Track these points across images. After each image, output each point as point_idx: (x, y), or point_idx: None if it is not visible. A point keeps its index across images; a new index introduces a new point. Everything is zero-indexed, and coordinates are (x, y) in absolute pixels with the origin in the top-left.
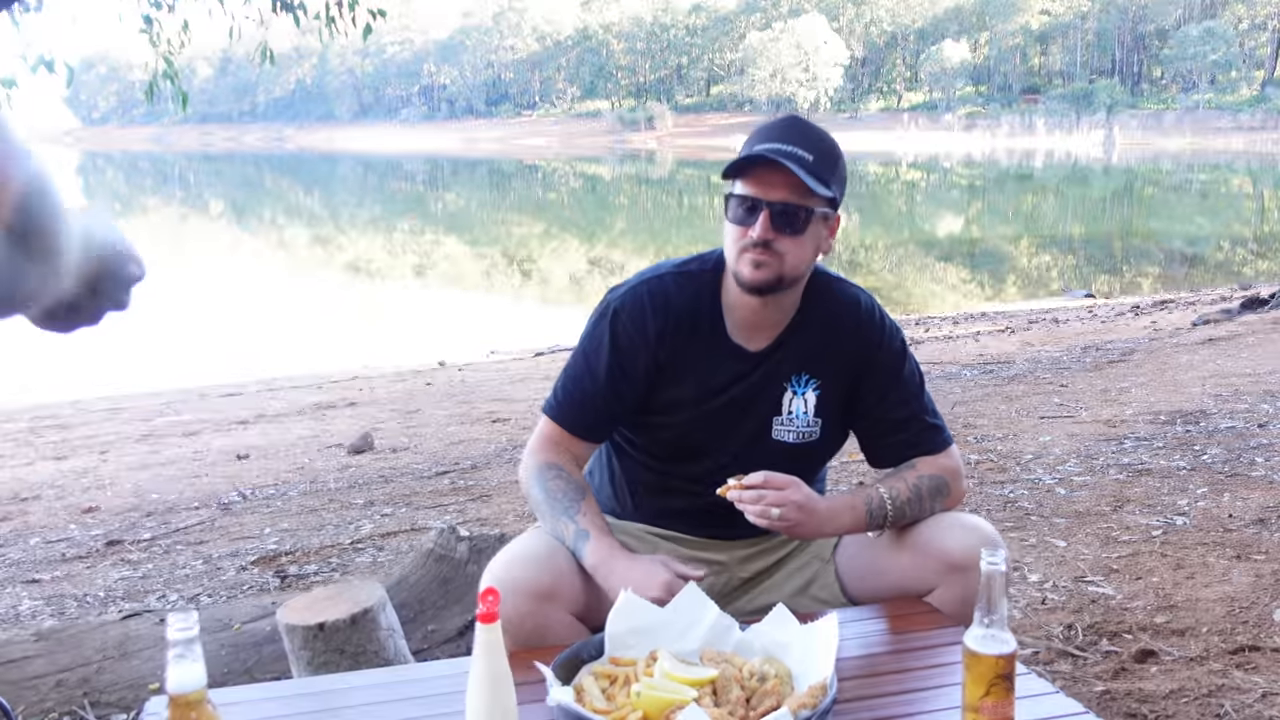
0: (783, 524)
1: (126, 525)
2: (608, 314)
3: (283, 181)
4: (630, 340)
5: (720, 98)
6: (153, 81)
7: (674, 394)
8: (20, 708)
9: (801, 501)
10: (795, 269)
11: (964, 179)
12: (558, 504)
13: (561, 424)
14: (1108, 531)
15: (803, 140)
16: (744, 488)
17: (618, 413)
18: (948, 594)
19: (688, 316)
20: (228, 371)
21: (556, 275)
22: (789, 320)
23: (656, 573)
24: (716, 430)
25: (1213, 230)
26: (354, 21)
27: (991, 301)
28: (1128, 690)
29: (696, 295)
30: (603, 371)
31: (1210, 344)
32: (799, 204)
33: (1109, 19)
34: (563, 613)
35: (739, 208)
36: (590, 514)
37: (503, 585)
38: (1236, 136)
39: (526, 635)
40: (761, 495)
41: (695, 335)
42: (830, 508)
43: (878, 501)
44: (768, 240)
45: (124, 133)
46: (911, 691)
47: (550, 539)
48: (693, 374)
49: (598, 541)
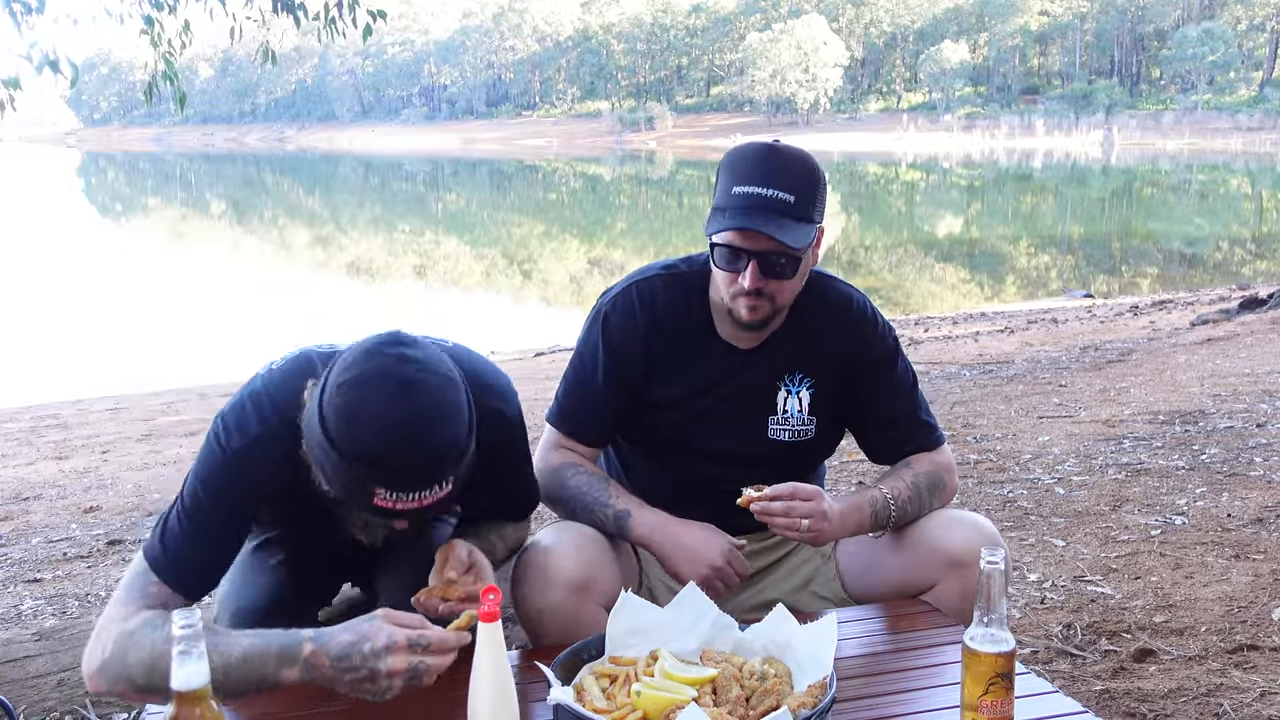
0: (810, 535)
1: (128, 525)
2: (599, 319)
3: (284, 182)
4: (622, 342)
5: (720, 98)
6: (152, 82)
7: (667, 393)
8: (22, 707)
9: (827, 511)
10: (789, 300)
11: (963, 179)
12: (586, 495)
13: (565, 431)
14: (1106, 531)
15: (781, 178)
16: (768, 498)
17: (618, 415)
18: (948, 590)
19: (677, 316)
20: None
21: (557, 275)
22: (781, 320)
23: (713, 540)
24: (712, 428)
25: (1211, 230)
26: (354, 22)
27: (990, 301)
28: (1126, 689)
29: (685, 295)
30: (599, 376)
31: (1209, 344)
32: (785, 252)
33: (1108, 20)
34: (596, 606)
35: (725, 257)
36: (623, 494)
37: (539, 578)
38: (1235, 137)
39: (562, 627)
40: (791, 508)
41: (685, 334)
42: (842, 512)
43: (882, 503)
44: (759, 289)
45: (125, 133)
46: (911, 690)
47: (580, 532)
48: (684, 372)
49: (642, 513)
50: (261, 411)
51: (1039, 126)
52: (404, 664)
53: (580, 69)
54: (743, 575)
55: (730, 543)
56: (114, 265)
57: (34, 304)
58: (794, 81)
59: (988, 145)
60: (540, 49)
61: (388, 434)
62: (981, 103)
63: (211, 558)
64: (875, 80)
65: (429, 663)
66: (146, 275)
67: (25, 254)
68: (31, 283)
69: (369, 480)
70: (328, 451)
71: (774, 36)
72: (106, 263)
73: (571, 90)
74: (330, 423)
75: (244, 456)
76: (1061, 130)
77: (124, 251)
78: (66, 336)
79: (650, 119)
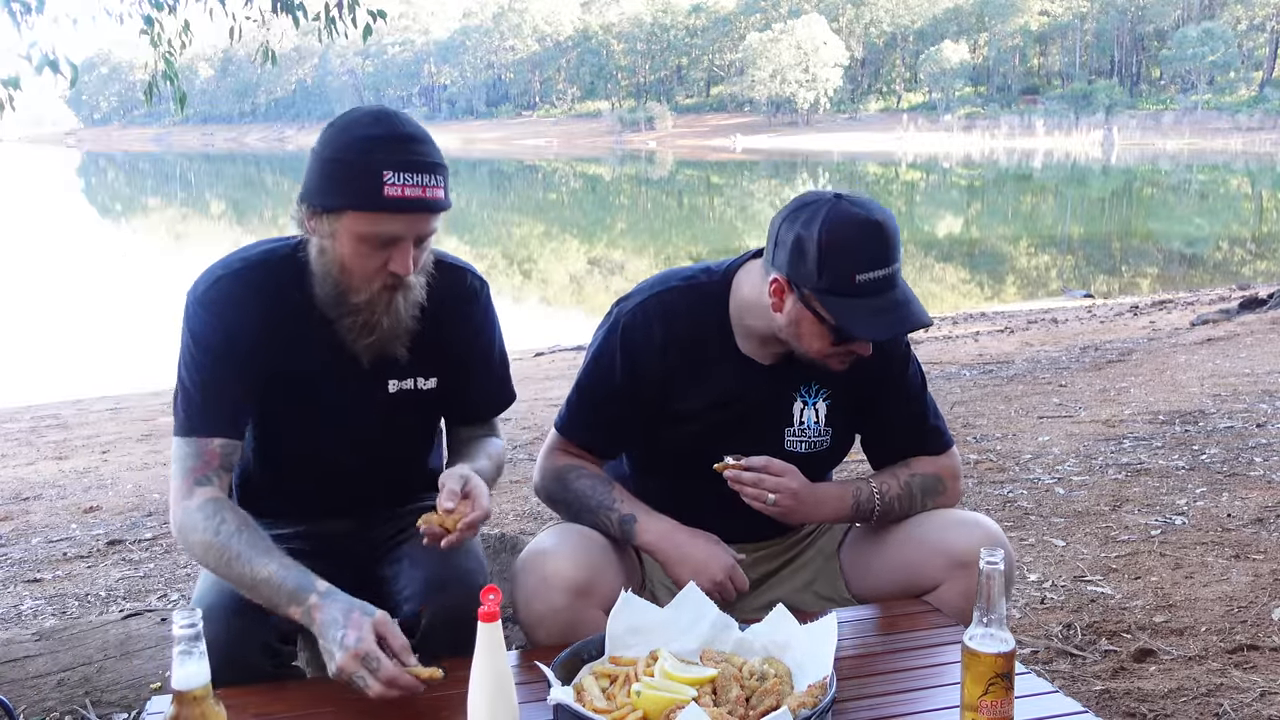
0: (775, 509)
1: (128, 525)
2: (617, 328)
3: (284, 182)
4: (639, 354)
5: (720, 98)
6: (152, 82)
7: (684, 406)
8: (22, 707)
9: (797, 489)
10: None
11: (963, 179)
12: (590, 498)
13: (572, 439)
14: (1106, 531)
15: (895, 253)
16: (743, 468)
17: (630, 427)
18: (951, 590)
19: (696, 329)
20: None
21: (557, 276)
22: None
23: (717, 554)
24: (728, 442)
25: (1211, 230)
26: (354, 22)
27: (991, 301)
28: (1126, 689)
29: (705, 308)
30: (613, 386)
31: (1209, 344)
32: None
33: (1108, 20)
34: (596, 609)
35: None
36: (628, 499)
37: (539, 580)
38: (1235, 137)
39: (561, 630)
40: (760, 479)
41: (704, 348)
42: (819, 496)
43: (866, 495)
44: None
45: (125, 133)
46: (910, 690)
47: (581, 534)
48: (702, 386)
49: (648, 519)
50: (222, 261)
51: (1039, 126)
52: (350, 668)
53: (580, 69)
54: (741, 590)
55: (733, 558)
56: (114, 265)
57: (34, 304)
58: (794, 81)
59: (988, 145)
60: (540, 49)
61: (376, 120)
62: (981, 103)
63: (230, 397)
64: (875, 80)
65: (370, 682)
66: (146, 275)
67: (25, 254)
68: (31, 283)
69: (374, 164)
70: (333, 167)
71: (774, 36)
72: (106, 262)
73: (571, 90)
74: (329, 148)
75: (213, 291)
76: (1061, 130)
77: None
78: (66, 336)
79: (650, 119)
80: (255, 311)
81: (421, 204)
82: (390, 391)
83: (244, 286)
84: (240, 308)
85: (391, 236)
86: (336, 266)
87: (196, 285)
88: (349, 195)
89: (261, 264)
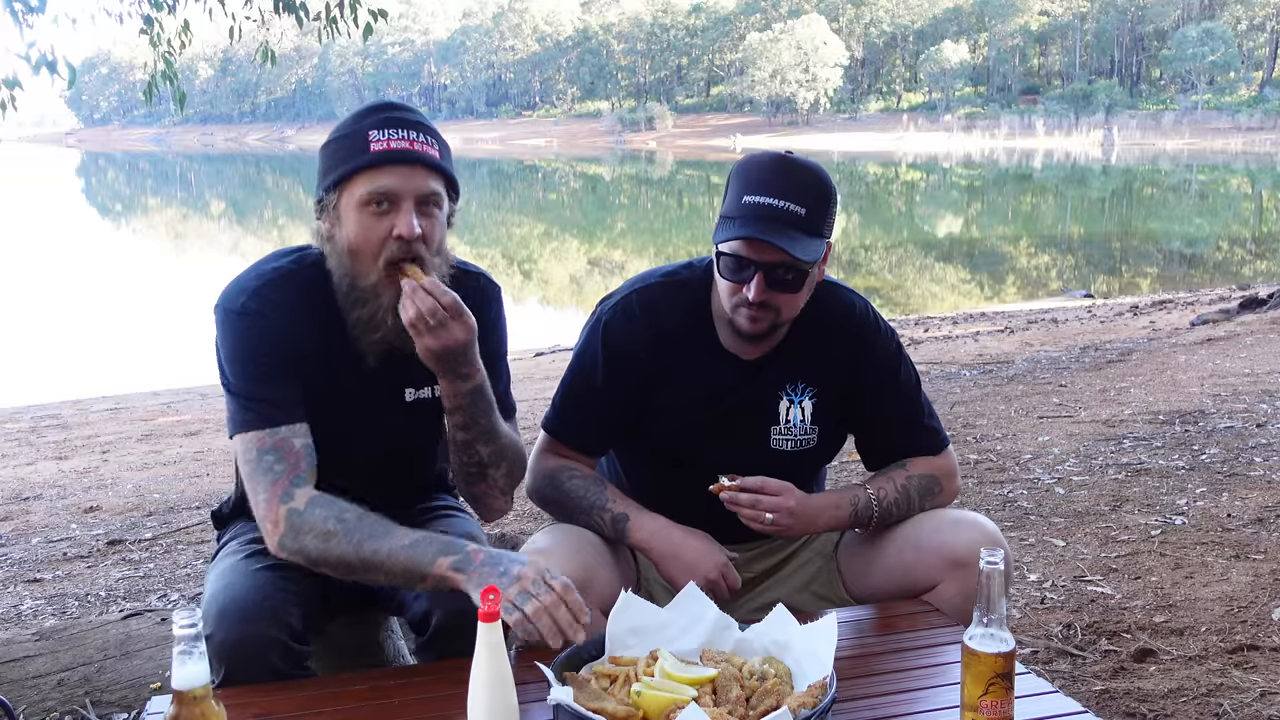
0: (774, 529)
1: (128, 525)
2: (599, 326)
3: (284, 182)
4: (622, 350)
5: (720, 98)
6: (152, 82)
7: (668, 402)
8: (22, 707)
9: (793, 507)
10: (793, 314)
11: (963, 179)
12: (583, 497)
13: (561, 439)
14: (1106, 531)
15: (795, 191)
16: (739, 489)
17: (616, 424)
18: (950, 590)
19: (679, 325)
20: None
21: (556, 275)
22: (784, 331)
23: (710, 552)
24: (714, 439)
25: (1211, 230)
26: (355, 22)
27: (990, 302)
28: (1126, 689)
29: (687, 304)
30: (598, 384)
31: (1209, 344)
32: (793, 264)
33: (1108, 20)
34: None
35: (731, 267)
36: (620, 498)
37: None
38: (1235, 137)
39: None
40: (757, 500)
41: (687, 344)
42: (815, 509)
43: (864, 502)
44: (763, 301)
45: (125, 133)
46: (910, 690)
47: (576, 534)
48: (686, 382)
49: (641, 518)
50: (254, 271)
51: (1039, 126)
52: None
53: (580, 69)
54: (734, 589)
55: (725, 556)
56: (113, 265)
57: (34, 304)
58: (794, 81)
59: (988, 145)
60: (540, 49)
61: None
62: (981, 103)
63: (282, 394)
64: (875, 80)
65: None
66: (146, 275)
67: (25, 254)
68: (31, 283)
69: (361, 129)
70: (329, 149)
71: (774, 36)
72: (106, 262)
73: (571, 90)
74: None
75: (252, 304)
76: (1061, 130)
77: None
78: (66, 336)
79: (650, 119)
80: (300, 318)
81: (409, 155)
82: (407, 400)
83: (294, 294)
84: (291, 315)
85: (386, 192)
86: (346, 251)
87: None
88: (342, 164)
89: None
